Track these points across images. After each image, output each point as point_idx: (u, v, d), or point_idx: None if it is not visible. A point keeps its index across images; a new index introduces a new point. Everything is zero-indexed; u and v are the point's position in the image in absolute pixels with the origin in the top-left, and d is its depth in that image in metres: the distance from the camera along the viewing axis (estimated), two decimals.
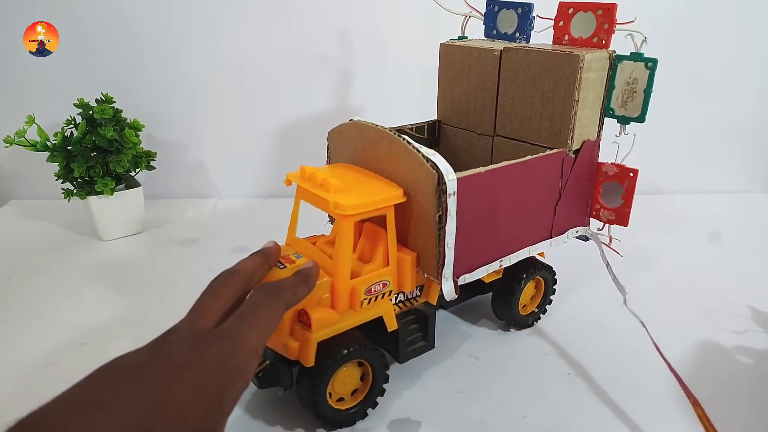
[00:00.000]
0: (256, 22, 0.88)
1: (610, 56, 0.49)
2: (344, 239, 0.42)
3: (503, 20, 0.58)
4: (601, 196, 0.54)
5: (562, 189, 0.51)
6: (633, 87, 0.49)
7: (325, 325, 0.41)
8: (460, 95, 0.59)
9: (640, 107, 0.49)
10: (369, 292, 0.44)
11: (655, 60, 0.47)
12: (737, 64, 0.92)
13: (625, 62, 0.49)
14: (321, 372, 0.41)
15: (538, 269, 0.56)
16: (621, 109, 0.50)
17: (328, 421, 0.43)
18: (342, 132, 0.51)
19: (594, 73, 0.49)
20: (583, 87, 0.48)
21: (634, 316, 0.51)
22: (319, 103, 0.93)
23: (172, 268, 0.72)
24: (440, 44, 0.60)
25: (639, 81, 0.48)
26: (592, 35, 0.50)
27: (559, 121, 0.50)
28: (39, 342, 0.56)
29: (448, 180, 0.41)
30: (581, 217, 0.55)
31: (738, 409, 0.47)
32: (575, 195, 0.53)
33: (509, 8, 0.57)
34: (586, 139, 0.51)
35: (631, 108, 0.50)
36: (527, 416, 0.46)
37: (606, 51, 0.49)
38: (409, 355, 0.48)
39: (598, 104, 0.51)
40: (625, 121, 0.50)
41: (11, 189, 0.97)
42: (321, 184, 0.43)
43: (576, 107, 0.49)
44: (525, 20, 0.56)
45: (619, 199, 0.52)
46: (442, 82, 0.61)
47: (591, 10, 0.50)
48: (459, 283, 0.45)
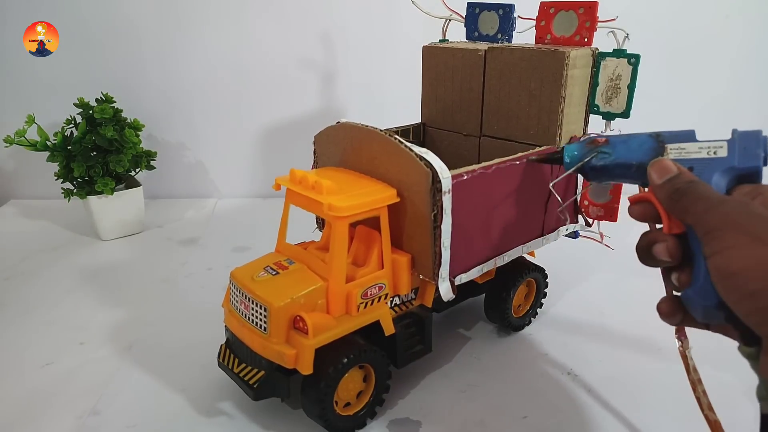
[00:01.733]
0: (256, 23, 0.88)
1: (594, 53, 0.50)
2: (339, 242, 0.41)
3: (484, 22, 0.58)
4: (589, 193, 0.54)
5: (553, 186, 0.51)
6: (617, 83, 0.49)
7: (322, 331, 0.40)
8: (445, 97, 0.59)
9: (624, 103, 0.50)
10: (365, 296, 0.43)
11: (637, 56, 0.48)
12: (735, 61, 0.92)
13: (608, 59, 0.49)
14: (325, 384, 0.40)
15: (530, 271, 0.55)
16: (606, 105, 0.51)
17: (341, 430, 0.43)
18: (329, 135, 0.51)
19: (578, 70, 0.49)
20: (569, 84, 0.48)
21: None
22: (319, 103, 0.93)
23: (171, 268, 0.72)
24: (423, 47, 0.60)
25: (622, 77, 0.49)
26: (574, 33, 0.50)
27: (546, 118, 0.50)
28: (38, 341, 0.56)
29: (442, 178, 0.40)
30: (571, 215, 0.55)
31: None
32: (564, 192, 0.53)
33: (490, 10, 0.57)
34: (572, 135, 0.51)
35: (615, 104, 0.50)
36: (527, 416, 0.46)
37: (589, 48, 0.50)
38: (408, 359, 0.47)
39: (583, 101, 0.51)
40: (610, 117, 0.51)
41: (11, 189, 0.97)
42: (313, 186, 0.42)
43: (563, 104, 0.49)
44: (506, 21, 0.56)
45: (607, 195, 0.53)
46: (425, 85, 0.61)
47: (572, 9, 0.50)
48: (455, 283, 0.45)
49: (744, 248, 0.26)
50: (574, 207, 0.55)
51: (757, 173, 0.31)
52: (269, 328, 0.40)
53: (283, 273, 0.43)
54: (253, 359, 0.42)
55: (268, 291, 0.41)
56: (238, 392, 0.46)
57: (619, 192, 0.52)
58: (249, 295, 0.42)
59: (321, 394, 0.40)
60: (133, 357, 0.53)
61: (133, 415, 0.46)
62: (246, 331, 0.42)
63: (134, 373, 0.51)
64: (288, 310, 0.40)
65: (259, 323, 0.41)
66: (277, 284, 0.42)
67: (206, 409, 0.46)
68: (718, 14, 0.89)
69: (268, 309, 0.40)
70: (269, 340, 0.41)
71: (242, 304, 0.43)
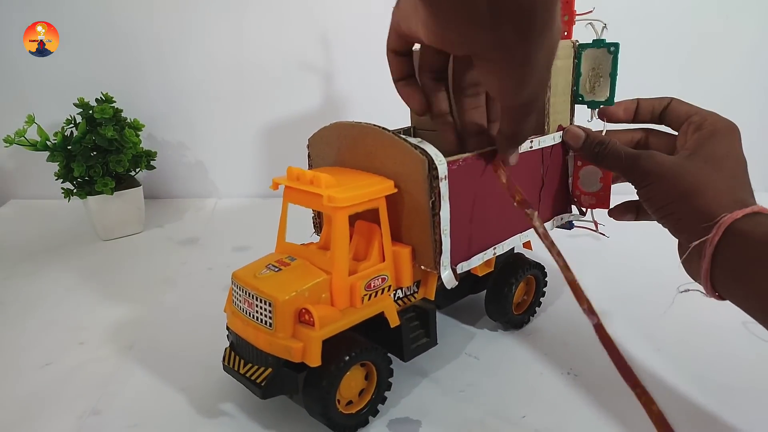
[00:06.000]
0: (256, 23, 0.88)
1: (574, 45, 0.50)
2: (340, 233, 0.41)
3: None
4: (580, 182, 0.54)
5: (544, 175, 0.52)
6: (598, 72, 0.50)
7: (329, 323, 0.41)
8: None
9: (607, 91, 0.50)
10: (369, 288, 0.43)
11: (616, 44, 0.49)
12: (735, 61, 0.92)
13: (588, 50, 0.50)
14: (327, 383, 0.40)
15: (530, 268, 0.56)
16: (590, 94, 0.51)
17: (344, 428, 0.43)
18: (323, 136, 0.51)
19: (561, 61, 0.50)
20: (553, 74, 0.49)
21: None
22: (320, 103, 0.93)
23: (171, 267, 0.72)
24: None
25: (603, 66, 0.50)
26: None
27: None
28: (38, 341, 0.56)
29: (438, 164, 0.40)
30: (564, 205, 0.55)
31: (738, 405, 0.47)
32: (557, 181, 0.53)
33: None
34: (559, 124, 0.52)
35: (599, 92, 0.51)
36: (527, 416, 0.46)
37: (569, 41, 0.50)
38: (414, 352, 0.47)
39: (567, 91, 0.52)
40: (595, 105, 0.52)
41: (11, 189, 0.97)
42: (311, 180, 0.42)
43: (549, 93, 0.49)
44: None
45: (598, 183, 0.53)
46: None
47: None
48: (457, 271, 0.45)
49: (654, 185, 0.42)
50: (567, 196, 0.55)
51: None
52: (275, 323, 0.40)
53: (286, 269, 0.43)
54: (260, 358, 0.42)
55: (271, 286, 0.41)
56: (239, 392, 0.46)
57: (609, 179, 0.52)
58: (253, 293, 0.42)
59: (323, 392, 0.40)
60: (133, 357, 0.53)
61: (134, 415, 0.46)
62: (251, 329, 0.42)
63: (134, 373, 0.51)
64: (293, 304, 0.40)
65: (264, 320, 0.41)
66: (280, 279, 0.42)
67: (207, 408, 0.46)
68: (719, 14, 0.89)
69: (273, 304, 0.40)
70: (275, 336, 0.41)
71: (246, 303, 0.43)
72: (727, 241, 0.37)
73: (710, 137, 0.42)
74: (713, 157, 0.41)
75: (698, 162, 0.41)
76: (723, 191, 0.39)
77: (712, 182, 0.39)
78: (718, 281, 0.39)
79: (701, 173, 0.40)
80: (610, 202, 0.53)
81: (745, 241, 0.36)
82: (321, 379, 0.40)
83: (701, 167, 0.40)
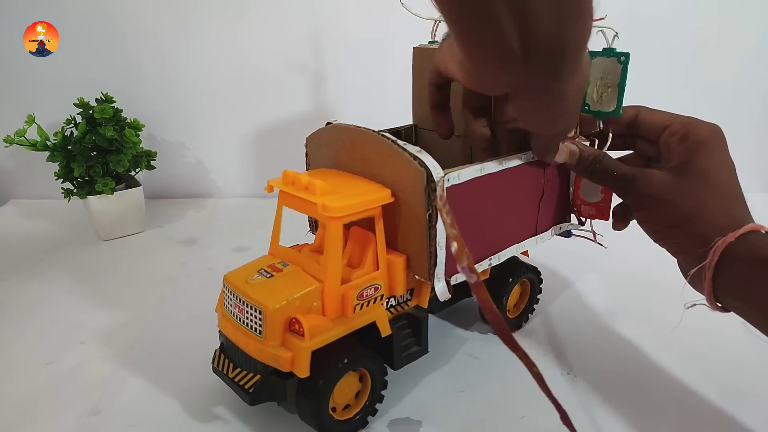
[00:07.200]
0: (256, 23, 0.88)
1: None
2: (333, 243, 0.41)
3: None
4: (581, 192, 0.54)
5: (545, 185, 0.51)
6: (606, 82, 0.49)
7: (318, 333, 0.40)
8: None
9: (614, 101, 0.49)
10: (361, 297, 0.42)
11: (627, 54, 0.47)
12: (735, 62, 0.92)
13: (597, 58, 0.49)
14: (320, 391, 0.40)
15: (524, 272, 0.55)
16: (596, 104, 0.51)
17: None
18: (321, 137, 0.50)
19: None
20: None
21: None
22: (320, 103, 0.93)
23: (172, 267, 0.72)
24: (413, 48, 0.60)
25: (612, 75, 0.49)
26: None
27: None
28: (38, 341, 0.56)
29: (436, 177, 0.40)
30: (563, 214, 0.55)
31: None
32: (557, 190, 0.53)
33: None
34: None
35: (606, 102, 0.50)
36: (527, 416, 0.46)
37: None
38: (404, 360, 0.47)
39: None
40: (601, 115, 0.51)
41: (11, 189, 0.97)
42: (306, 187, 0.42)
43: None
44: None
45: (599, 194, 0.53)
46: (416, 86, 0.60)
47: None
48: (451, 283, 0.45)
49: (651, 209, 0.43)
50: (567, 206, 0.55)
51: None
52: (264, 331, 0.40)
53: (278, 275, 0.43)
54: (249, 363, 0.42)
55: (262, 294, 0.41)
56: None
57: (610, 191, 0.52)
58: (243, 299, 0.41)
59: (316, 401, 0.40)
60: (133, 357, 0.53)
61: (134, 415, 0.46)
62: (241, 335, 0.42)
63: (134, 372, 0.51)
64: (283, 313, 0.40)
65: (254, 326, 0.41)
66: (271, 287, 0.42)
67: (207, 408, 0.46)
68: (720, 14, 0.89)
69: (263, 312, 0.40)
70: (265, 344, 0.40)
71: (236, 308, 0.42)
72: (724, 264, 0.38)
73: (698, 148, 0.42)
74: (706, 174, 0.41)
75: (693, 182, 0.41)
76: (718, 212, 0.39)
77: (707, 205, 0.40)
78: (721, 298, 0.40)
79: (698, 197, 0.40)
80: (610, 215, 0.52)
81: (741, 264, 0.37)
82: (314, 386, 0.40)
83: (697, 188, 0.40)
